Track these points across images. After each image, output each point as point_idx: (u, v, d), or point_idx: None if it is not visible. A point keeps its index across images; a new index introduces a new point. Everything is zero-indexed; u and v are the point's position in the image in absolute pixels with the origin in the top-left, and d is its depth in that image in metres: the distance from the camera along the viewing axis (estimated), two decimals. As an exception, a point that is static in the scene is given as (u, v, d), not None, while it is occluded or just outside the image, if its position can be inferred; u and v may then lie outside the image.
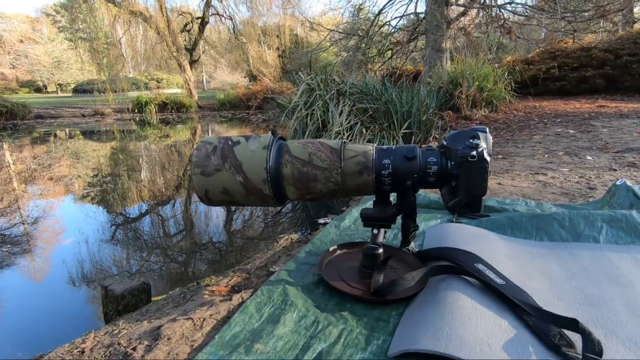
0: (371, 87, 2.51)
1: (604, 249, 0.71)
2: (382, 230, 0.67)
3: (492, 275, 0.60)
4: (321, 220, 1.26)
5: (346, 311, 0.58)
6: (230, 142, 0.63)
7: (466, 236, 0.76)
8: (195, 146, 0.65)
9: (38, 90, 21.29)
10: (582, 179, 1.27)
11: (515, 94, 4.61)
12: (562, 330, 0.47)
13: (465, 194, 0.56)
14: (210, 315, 0.55)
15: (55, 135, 6.70)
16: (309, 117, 2.16)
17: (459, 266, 0.63)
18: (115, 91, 11.32)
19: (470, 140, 0.55)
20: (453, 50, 5.71)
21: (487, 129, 0.57)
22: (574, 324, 0.46)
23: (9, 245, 1.56)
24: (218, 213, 1.83)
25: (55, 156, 4.44)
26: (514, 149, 1.99)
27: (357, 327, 0.54)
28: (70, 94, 17.85)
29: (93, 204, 2.37)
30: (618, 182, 0.91)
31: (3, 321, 0.97)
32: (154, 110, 10.48)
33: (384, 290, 0.59)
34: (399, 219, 0.65)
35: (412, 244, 0.75)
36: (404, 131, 2.40)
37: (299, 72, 2.29)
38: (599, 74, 6.03)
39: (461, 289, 0.57)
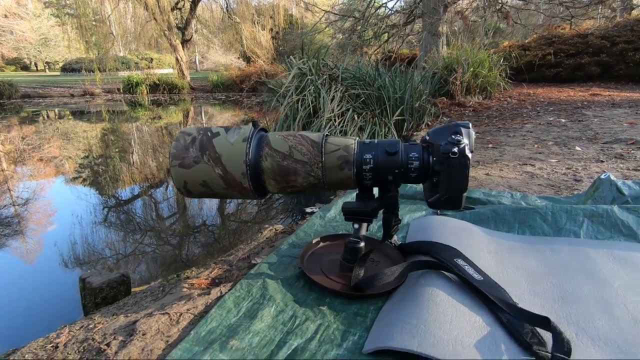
0: (365, 73, 2.48)
1: (583, 244, 0.72)
2: (364, 224, 0.67)
3: (470, 271, 0.60)
4: (309, 209, 1.26)
5: (325, 305, 0.58)
6: (209, 134, 0.62)
7: (449, 229, 0.76)
8: (176, 136, 0.63)
9: (25, 68, 20.72)
10: (569, 171, 1.28)
11: (510, 80, 4.58)
12: (535, 328, 0.48)
13: (446, 190, 0.56)
14: (188, 309, 0.55)
15: (45, 116, 6.57)
16: (299, 103, 2.13)
17: (439, 261, 0.63)
18: (105, 70, 11.05)
19: (453, 136, 0.54)
20: (450, 34, 5.63)
21: (470, 125, 0.56)
22: (545, 322, 0.47)
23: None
24: (204, 200, 1.82)
25: (45, 137, 4.36)
26: (505, 138, 1.99)
27: (335, 322, 0.54)
28: (58, 73, 17.40)
29: (83, 186, 2.34)
30: (602, 176, 0.92)
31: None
32: (145, 91, 10.28)
33: (363, 285, 0.60)
34: (381, 213, 0.65)
35: (395, 237, 0.75)
36: (397, 118, 2.38)
37: (291, 56, 2.24)
38: (595, 61, 6.02)
39: (439, 285, 0.57)
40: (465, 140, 0.54)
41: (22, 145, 3.88)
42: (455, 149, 0.53)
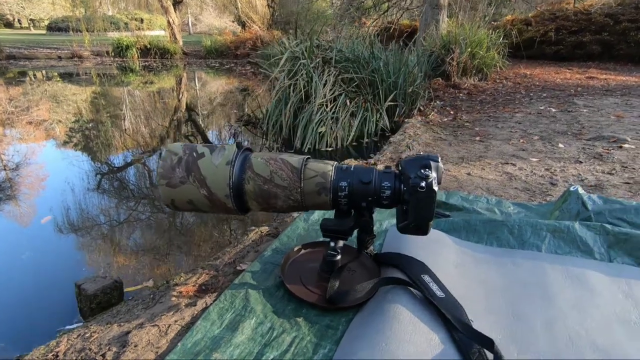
0: (359, 54, 2.45)
1: (543, 258, 0.78)
2: (340, 241, 0.72)
3: (434, 287, 0.66)
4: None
5: (301, 317, 0.64)
6: (195, 154, 0.65)
7: (422, 240, 0.82)
8: (161, 155, 0.66)
9: (8, 25, 19.79)
10: (547, 173, 1.33)
11: (509, 59, 4.53)
12: (482, 348, 0.55)
13: (414, 218, 0.61)
14: (176, 321, 0.61)
15: (32, 76, 6.39)
16: (291, 88, 2.12)
17: (406, 276, 0.69)
18: (93, 31, 10.62)
19: (422, 171, 0.58)
20: (453, 3, 5.47)
21: (439, 158, 0.60)
22: (490, 344, 0.53)
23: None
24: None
25: (33, 99, 4.29)
26: (494, 130, 2.02)
27: (309, 334, 0.60)
28: (44, 32, 16.68)
29: (73, 151, 2.36)
30: (572, 188, 0.97)
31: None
32: (136, 55, 9.95)
33: (337, 299, 0.66)
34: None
35: (371, 247, 0.80)
36: (389, 103, 2.39)
37: (283, 38, 2.20)
38: (596, 39, 5.94)
39: (404, 302, 0.63)
40: (433, 175, 0.58)
41: (9, 107, 3.82)
42: (423, 184, 0.57)
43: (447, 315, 0.59)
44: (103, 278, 0.71)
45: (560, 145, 1.68)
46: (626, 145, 1.64)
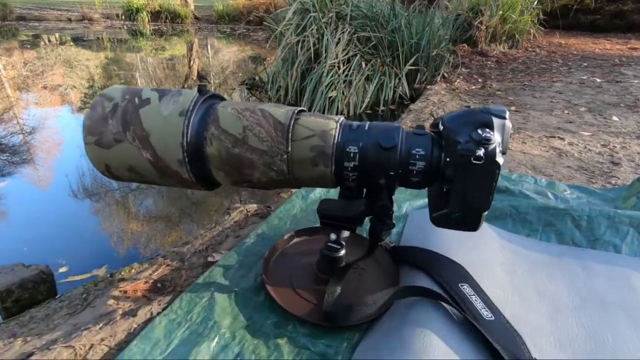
0: (378, 11, 2.15)
1: (625, 264, 0.56)
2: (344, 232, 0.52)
3: (479, 305, 0.46)
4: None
5: (284, 338, 0.45)
6: (136, 101, 0.44)
7: (456, 232, 0.61)
8: (92, 101, 0.46)
9: (20, -14, 19.46)
10: (604, 149, 1.09)
11: (542, 27, 4.11)
12: (561, 413, 0.35)
13: (460, 205, 0.39)
14: (102, 339, 0.42)
15: (46, 40, 6.23)
16: (299, 45, 1.86)
17: (437, 284, 0.49)
18: (103, -9, 10.27)
19: (479, 132, 0.36)
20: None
21: (507, 112, 0.38)
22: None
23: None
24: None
25: (48, 63, 4.15)
26: (530, 99, 1.75)
27: (293, 366, 0.41)
28: (55, -7, 16.29)
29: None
30: (655, 169, 0.73)
31: None
32: (147, 19, 9.62)
33: (337, 314, 0.46)
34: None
35: (387, 238, 0.60)
36: (410, 67, 2.12)
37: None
38: (638, 8, 5.37)
39: (434, 324, 0.43)
40: (496, 138, 0.36)
41: (24, 71, 3.71)
42: (481, 152, 0.36)
43: (501, 352, 0.39)
44: (25, 267, 0.53)
45: (615, 118, 1.42)
46: (695, 120, 1.37)
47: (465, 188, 0.38)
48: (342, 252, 0.52)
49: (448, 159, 0.39)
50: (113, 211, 1.15)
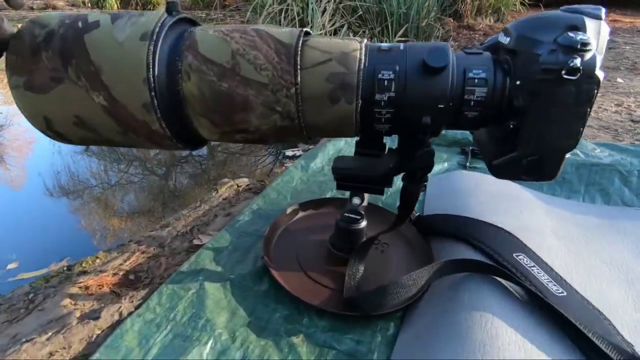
0: (363, -21, 2.02)
1: (690, 222, 0.48)
2: (367, 196, 0.41)
3: (544, 278, 0.36)
4: (290, 152, 0.98)
5: (300, 334, 0.34)
6: (79, 24, 0.32)
7: (491, 196, 0.51)
8: (18, 30, 0.33)
9: (-24, -26, 18.26)
10: (620, 108, 1.01)
11: (527, 0, 4.04)
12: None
13: (536, 145, 0.29)
14: (50, 354, 0.31)
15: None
16: (282, 15, 1.72)
17: (487, 257, 0.39)
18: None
19: (570, 35, 0.26)
20: None
21: (603, 11, 0.28)
22: None
23: None
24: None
25: None
26: (528, 66, 1.67)
27: (316, 373, 0.31)
28: (15, -19, 15.30)
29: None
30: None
31: None
32: (116, 6, 9.15)
33: (366, 301, 0.36)
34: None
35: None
36: (399, 39, 2.00)
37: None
38: (618, -18, 5.39)
39: (496, 308, 0.33)
40: (592, 42, 0.26)
41: None
42: (577, 61, 0.25)
43: (589, 336, 0.30)
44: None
45: (619, 80, 1.36)
46: (701, 80, 1.31)
47: (546, 120, 0.28)
48: (364, 223, 0.42)
49: (519, 82, 0.28)
50: (76, 196, 1.01)
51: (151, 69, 0.29)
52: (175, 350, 0.31)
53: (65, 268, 0.43)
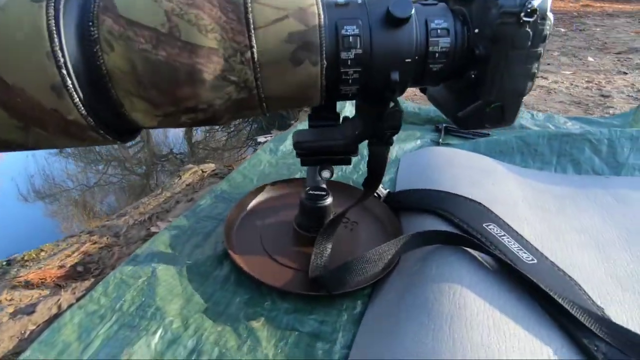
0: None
1: (659, 187, 0.48)
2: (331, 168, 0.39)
3: (514, 246, 0.35)
4: (263, 138, 0.95)
5: (261, 318, 0.32)
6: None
7: (462, 169, 0.50)
8: None
9: None
10: (591, 84, 1.02)
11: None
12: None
13: (499, 91, 0.27)
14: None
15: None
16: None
17: (456, 228, 0.37)
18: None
19: None
20: None
21: None
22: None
23: None
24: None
25: None
26: (502, 49, 1.68)
27: (279, 354, 0.29)
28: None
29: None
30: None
31: None
32: None
33: (330, 282, 0.34)
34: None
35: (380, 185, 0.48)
36: None
37: None
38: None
39: (465, 279, 0.31)
40: (542, -11, 0.24)
41: None
42: (534, 3, 0.24)
43: (562, 304, 0.28)
44: None
45: (590, 58, 1.37)
46: (666, 57, 1.34)
47: (506, 65, 0.26)
48: (329, 199, 0.39)
49: (477, 30, 0.26)
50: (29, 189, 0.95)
51: (56, 38, 0.23)
52: (120, 342, 0.28)
53: (4, 263, 0.39)
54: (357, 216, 0.45)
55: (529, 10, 0.24)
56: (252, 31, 0.26)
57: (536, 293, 0.30)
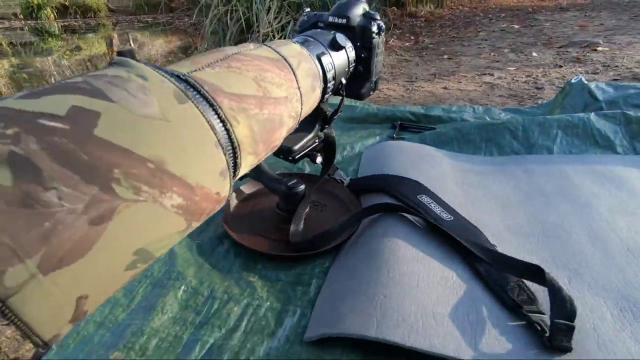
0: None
1: (558, 161, 0.62)
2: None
3: (437, 209, 0.48)
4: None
5: (255, 275, 0.44)
6: (61, 126, 0.17)
7: (409, 157, 0.63)
8: None
9: None
10: (529, 78, 1.17)
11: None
12: (522, 280, 0.38)
13: (375, 72, 0.50)
14: None
15: None
16: (229, 16, 1.78)
17: (398, 200, 0.50)
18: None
19: (370, 12, 0.48)
20: None
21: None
22: (538, 274, 0.36)
23: None
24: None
25: None
26: (460, 48, 1.83)
27: (268, 298, 0.40)
28: None
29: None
30: (573, 80, 0.80)
31: None
32: (53, 15, 8.64)
33: (305, 244, 0.46)
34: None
35: (340, 172, 0.60)
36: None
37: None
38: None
39: (400, 233, 0.44)
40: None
41: None
42: (382, 25, 0.46)
43: (463, 243, 0.41)
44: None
45: (534, 54, 1.53)
46: (600, 48, 1.52)
47: (377, 59, 0.48)
48: (302, 186, 0.51)
49: (359, 44, 0.46)
50: None
51: (214, 128, 0.24)
52: (155, 296, 0.40)
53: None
54: (325, 199, 0.57)
55: (382, 29, 0.45)
56: (298, 81, 0.35)
57: (450, 239, 0.42)
